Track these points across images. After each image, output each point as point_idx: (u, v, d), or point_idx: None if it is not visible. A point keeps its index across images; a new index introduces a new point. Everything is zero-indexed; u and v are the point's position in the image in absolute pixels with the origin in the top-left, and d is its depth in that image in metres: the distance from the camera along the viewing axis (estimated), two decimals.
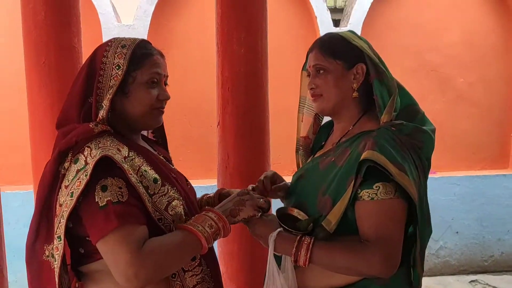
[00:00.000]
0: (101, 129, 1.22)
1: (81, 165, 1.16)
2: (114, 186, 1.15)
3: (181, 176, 1.43)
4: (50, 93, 2.35)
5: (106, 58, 1.25)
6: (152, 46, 1.34)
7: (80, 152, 1.19)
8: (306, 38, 4.09)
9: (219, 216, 1.27)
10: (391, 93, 1.37)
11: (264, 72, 2.54)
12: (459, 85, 4.38)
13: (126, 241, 1.11)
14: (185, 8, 3.95)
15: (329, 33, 1.49)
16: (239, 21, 2.44)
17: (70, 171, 1.18)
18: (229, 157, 2.53)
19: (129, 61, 1.25)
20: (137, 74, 1.27)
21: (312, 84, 1.43)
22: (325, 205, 1.32)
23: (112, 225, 1.11)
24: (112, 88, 1.23)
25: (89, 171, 1.13)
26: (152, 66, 1.29)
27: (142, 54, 1.29)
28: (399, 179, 1.23)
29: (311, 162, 1.51)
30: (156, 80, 1.31)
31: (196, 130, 4.07)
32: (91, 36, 3.64)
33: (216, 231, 1.25)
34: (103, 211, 1.12)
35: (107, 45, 1.29)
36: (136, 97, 1.28)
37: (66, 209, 1.14)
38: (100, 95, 1.23)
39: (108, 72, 1.24)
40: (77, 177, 1.15)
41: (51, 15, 2.30)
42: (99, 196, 1.13)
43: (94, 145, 1.19)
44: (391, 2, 4.19)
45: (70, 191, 1.15)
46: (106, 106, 1.23)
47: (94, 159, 1.14)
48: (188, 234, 1.21)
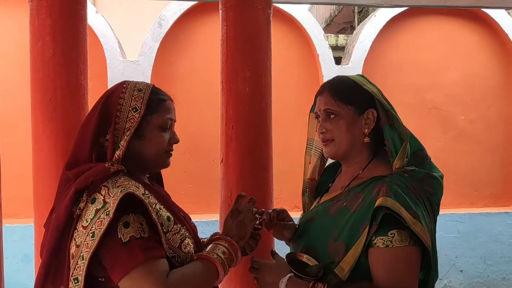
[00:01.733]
0: (116, 169, 1.23)
1: (99, 204, 1.17)
2: (136, 223, 1.16)
3: (187, 215, 1.45)
4: (55, 129, 2.34)
5: (123, 100, 1.28)
6: (163, 91, 1.39)
7: (97, 192, 1.19)
8: (308, 76, 4.14)
9: (230, 243, 1.31)
10: (402, 138, 1.37)
11: (268, 110, 2.55)
12: (460, 122, 4.41)
13: (152, 275, 1.13)
14: (189, 45, 4.01)
15: (339, 76, 1.50)
16: (243, 60, 2.47)
17: (87, 211, 1.18)
18: (232, 194, 2.51)
19: (146, 106, 1.29)
20: (152, 119, 1.32)
21: (323, 128, 1.42)
22: (337, 251, 1.30)
23: (137, 260, 1.12)
24: (130, 130, 1.26)
25: (111, 210, 1.14)
26: (165, 112, 1.34)
27: (157, 99, 1.33)
28: (414, 227, 1.23)
29: (320, 206, 1.49)
30: (169, 125, 1.36)
31: (198, 165, 4.06)
32: (96, 71, 3.68)
33: (229, 257, 1.28)
34: (127, 247, 1.13)
35: (123, 87, 1.32)
36: (150, 140, 1.32)
37: (87, 250, 1.14)
38: (117, 136, 1.26)
39: (124, 114, 1.27)
40: (97, 217, 1.15)
41: (59, 53, 2.32)
42: (122, 233, 1.14)
43: (111, 184, 1.20)
44: (392, 41, 4.27)
45: (91, 231, 1.15)
46: (123, 147, 1.25)
47: (116, 197, 1.15)
48: (207, 263, 1.25)
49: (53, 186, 2.34)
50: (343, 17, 8.60)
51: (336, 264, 1.27)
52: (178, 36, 3.98)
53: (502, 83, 4.44)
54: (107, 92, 1.33)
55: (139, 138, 1.30)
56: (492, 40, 4.39)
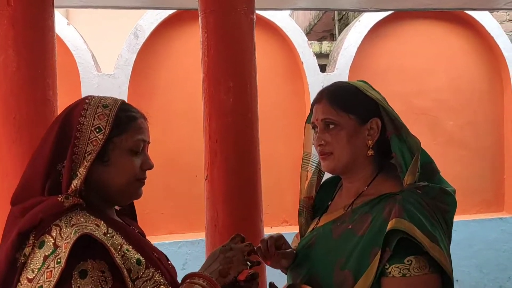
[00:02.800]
0: (72, 203, 1.03)
1: (49, 249, 0.97)
2: (96, 271, 0.96)
3: (162, 255, 1.23)
4: (21, 152, 2.12)
5: (84, 118, 1.09)
6: (135, 108, 1.19)
7: (46, 233, 0.99)
8: (293, 85, 4.02)
9: (209, 281, 1.10)
10: (413, 150, 1.22)
11: (255, 122, 2.39)
12: (449, 128, 4.33)
13: None
14: (168, 56, 3.84)
15: (339, 82, 1.36)
16: (226, 69, 2.31)
17: (33, 258, 0.98)
18: (218, 214, 2.34)
19: (112, 125, 1.10)
20: (120, 140, 1.12)
21: (321, 140, 1.27)
22: (345, 282, 1.15)
23: None
24: (91, 154, 1.06)
25: (63, 256, 0.93)
26: (136, 132, 1.15)
27: (126, 117, 1.14)
28: (433, 252, 1.09)
29: (321, 229, 1.33)
30: (141, 147, 1.16)
31: (179, 182, 3.86)
32: (69, 86, 3.48)
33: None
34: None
35: (85, 103, 1.12)
36: (117, 166, 1.11)
37: None
38: (75, 162, 1.06)
39: (85, 134, 1.08)
40: (46, 266, 0.95)
41: (24, 67, 2.12)
42: (77, 285, 0.93)
43: (64, 222, 1.00)
44: (377, 47, 4.18)
45: (38, 285, 0.94)
46: (81, 175, 1.05)
47: (70, 239, 0.95)
48: None
49: None
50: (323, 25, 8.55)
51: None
52: (156, 47, 3.81)
53: (488, 86, 4.39)
54: (66, 109, 1.13)
55: (103, 163, 1.10)
56: (478, 43, 4.35)
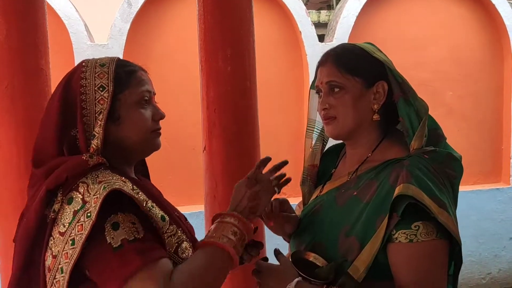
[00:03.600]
0: (96, 161, 1.05)
1: (78, 204, 1.00)
2: (127, 222, 0.99)
3: (181, 214, 1.26)
4: (14, 119, 2.09)
5: (85, 80, 1.10)
6: (132, 62, 1.20)
7: (74, 190, 1.02)
8: (291, 54, 3.95)
9: (240, 219, 1.11)
10: (420, 114, 1.19)
11: (253, 90, 2.35)
12: (448, 99, 4.29)
13: (152, 281, 0.95)
14: (163, 25, 3.74)
15: (345, 44, 1.32)
16: (224, 37, 2.25)
17: (63, 213, 1.01)
18: (217, 185, 2.32)
19: (114, 83, 1.10)
20: (125, 96, 1.12)
21: (326, 103, 1.23)
22: (350, 249, 1.14)
23: (134, 266, 0.95)
24: (101, 113, 1.08)
25: (93, 211, 0.96)
26: (139, 84, 1.15)
27: (125, 72, 1.14)
28: (441, 218, 1.07)
29: (325, 196, 1.30)
30: (147, 98, 1.16)
31: (177, 154, 3.83)
32: (62, 57, 3.40)
33: (241, 237, 1.09)
34: (119, 253, 0.96)
35: (82, 65, 1.14)
36: (129, 121, 1.13)
37: (67, 261, 0.97)
38: (87, 123, 1.08)
39: (90, 95, 1.09)
40: (77, 220, 0.98)
41: (14, 34, 2.06)
42: (112, 236, 0.97)
43: (90, 180, 1.02)
44: (377, 16, 4.09)
45: (70, 238, 0.98)
46: (99, 134, 1.07)
47: (99, 195, 0.98)
48: (215, 250, 1.06)
49: (15, 185, 2.13)
50: None
51: (350, 263, 1.12)
52: (150, 15, 3.71)
53: (489, 57, 4.32)
54: (65, 76, 1.14)
55: (115, 122, 1.11)
56: (479, 11, 4.26)
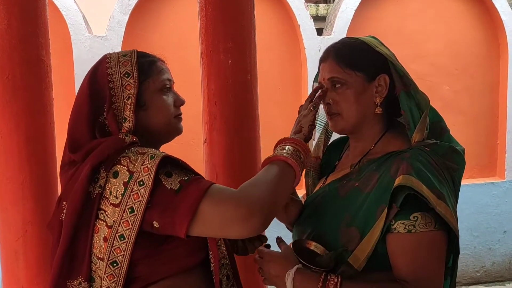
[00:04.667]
0: (131, 140, 1.12)
1: (125, 176, 1.06)
2: (176, 169, 1.08)
3: None
4: (15, 110, 2.08)
5: (111, 69, 1.17)
6: (150, 54, 1.27)
7: (117, 164, 1.08)
8: (289, 48, 3.95)
9: (287, 139, 1.18)
10: (421, 107, 1.21)
11: (254, 83, 2.36)
12: (445, 93, 4.31)
13: (221, 194, 1.04)
14: (162, 17, 3.73)
15: (346, 38, 1.33)
16: (225, 29, 2.26)
17: (112, 187, 1.07)
18: (218, 177, 2.33)
19: (138, 70, 1.17)
20: (149, 84, 1.19)
21: (329, 99, 1.24)
22: (351, 238, 1.16)
23: (198, 194, 1.02)
24: (130, 98, 1.15)
25: (147, 179, 1.04)
26: (160, 73, 1.22)
27: (147, 62, 1.21)
28: (439, 209, 1.09)
29: (327, 187, 1.32)
30: (168, 86, 1.24)
31: (176, 147, 3.83)
32: (60, 48, 3.38)
33: (294, 151, 1.15)
34: (182, 192, 1.04)
35: (106, 57, 1.21)
36: (154, 107, 1.20)
37: (129, 227, 1.05)
38: (118, 109, 1.15)
39: (117, 82, 1.16)
40: (130, 190, 1.05)
41: (15, 25, 2.05)
42: (169, 182, 1.05)
43: (131, 153, 1.09)
44: (375, 10, 4.10)
45: (128, 207, 1.05)
46: (130, 117, 1.14)
47: (149, 164, 1.05)
48: (278, 164, 1.12)
49: (16, 176, 2.14)
50: None
51: (350, 253, 1.14)
52: (150, 7, 3.70)
53: (486, 51, 4.34)
54: (91, 68, 1.22)
55: (141, 108, 1.18)
56: (476, 6, 4.27)
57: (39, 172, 2.14)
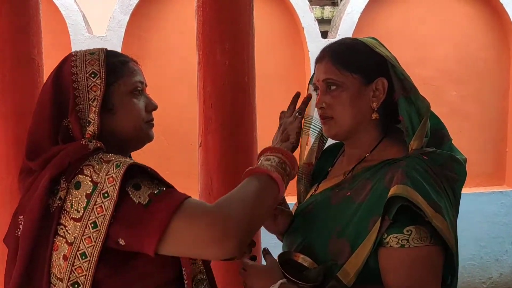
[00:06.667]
0: (95, 145, 1.03)
1: (88, 187, 0.98)
2: (145, 181, 0.99)
3: None
4: (3, 111, 2.05)
5: (76, 68, 1.08)
6: (122, 53, 1.20)
7: (79, 174, 1.00)
8: (292, 50, 3.90)
9: (272, 149, 1.12)
10: (421, 113, 1.13)
11: (251, 86, 2.30)
12: (451, 98, 4.22)
13: (195, 211, 0.96)
14: (162, 18, 3.70)
15: (345, 39, 1.26)
16: (223, 30, 2.19)
17: (73, 199, 0.99)
18: (212, 181, 2.27)
19: (106, 70, 1.09)
20: (119, 86, 1.11)
21: (322, 102, 1.17)
22: (341, 251, 1.09)
23: (169, 209, 0.94)
24: (96, 100, 1.06)
25: (112, 190, 0.95)
26: (131, 74, 1.14)
27: (118, 62, 1.13)
28: (435, 223, 1.01)
29: (319, 195, 1.25)
30: (140, 89, 1.15)
31: (174, 150, 3.78)
32: (59, 48, 3.35)
33: (280, 163, 1.09)
34: (151, 206, 0.95)
35: (72, 55, 1.12)
36: (123, 111, 1.11)
37: (92, 244, 0.96)
38: (82, 111, 1.06)
39: (83, 82, 1.07)
40: (93, 203, 0.97)
41: (5, 22, 2.02)
42: (138, 196, 0.96)
43: (95, 161, 1.00)
44: (381, 13, 4.04)
45: (90, 222, 0.96)
46: (94, 121, 1.05)
47: (114, 173, 0.96)
48: (259, 177, 1.05)
49: (4, 179, 2.07)
50: None
51: (340, 267, 1.08)
52: (150, 8, 3.67)
53: (495, 56, 4.25)
54: (56, 67, 1.13)
55: (109, 112, 1.10)
56: (485, 10, 4.19)
57: None
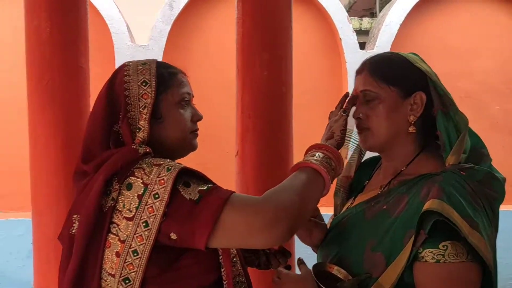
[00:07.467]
0: (144, 150, 1.08)
1: (140, 189, 1.03)
2: (193, 179, 1.04)
3: None
4: (53, 116, 2.16)
5: (129, 77, 1.14)
6: (171, 65, 1.24)
7: (130, 176, 1.05)
8: (330, 61, 3.91)
9: (317, 146, 1.14)
10: (459, 129, 1.13)
11: (289, 97, 2.33)
12: (494, 112, 4.12)
13: (244, 201, 1.01)
14: (203, 28, 3.78)
15: (384, 52, 1.28)
16: (262, 41, 2.24)
17: (125, 200, 1.04)
18: (248, 190, 2.32)
19: (157, 80, 1.14)
20: (167, 96, 1.16)
21: (359, 113, 1.19)
22: (376, 264, 1.09)
23: (219, 203, 0.99)
24: (147, 107, 1.11)
25: (163, 192, 1.01)
26: (180, 85, 1.19)
27: (167, 73, 1.18)
28: (471, 239, 1.00)
29: (354, 209, 1.26)
30: (187, 100, 1.20)
31: (211, 157, 3.84)
32: (103, 56, 3.49)
33: (324, 157, 1.11)
34: (202, 201, 1.00)
35: (125, 65, 1.19)
36: (170, 121, 1.16)
37: (143, 242, 1.01)
38: (132, 117, 1.12)
39: (134, 90, 1.13)
40: (144, 203, 1.02)
41: (56, 32, 2.13)
42: (188, 193, 1.02)
43: (145, 164, 1.05)
44: (421, 25, 3.99)
45: (142, 221, 1.02)
46: (144, 128, 1.11)
47: (165, 176, 1.02)
48: (306, 171, 1.08)
49: (51, 179, 2.18)
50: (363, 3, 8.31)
51: (374, 280, 1.08)
52: (191, 18, 3.76)
53: None
54: (110, 76, 1.20)
55: (157, 120, 1.15)
56: None
57: None
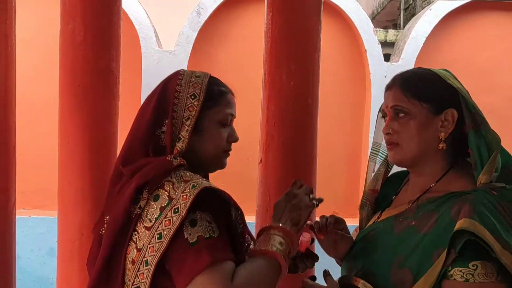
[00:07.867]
0: (178, 162, 1.12)
1: (164, 201, 1.07)
2: (204, 221, 1.05)
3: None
4: (83, 117, 2.21)
5: (180, 87, 1.18)
6: (223, 83, 1.27)
7: (160, 188, 1.09)
8: (354, 72, 3.90)
9: (284, 231, 1.14)
10: (491, 147, 1.12)
11: (314, 108, 2.34)
12: None
13: (218, 279, 1.01)
14: (229, 36, 3.82)
15: (416, 68, 1.28)
16: (289, 51, 2.26)
17: (149, 209, 1.08)
18: (270, 199, 2.32)
19: (205, 95, 1.17)
20: (213, 112, 1.19)
21: (390, 129, 1.19)
22: (403, 281, 1.09)
23: (202, 263, 1.01)
24: (189, 119, 1.15)
25: (183, 207, 1.04)
26: (227, 105, 1.22)
27: (218, 91, 1.21)
28: (504, 259, 0.99)
29: (381, 223, 1.26)
30: (229, 121, 1.23)
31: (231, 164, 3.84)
32: (130, 60, 3.54)
33: (287, 248, 1.13)
34: (194, 248, 1.02)
35: (179, 73, 1.22)
36: (209, 137, 1.20)
37: (153, 254, 1.04)
38: (175, 126, 1.15)
39: (182, 101, 1.16)
40: (164, 215, 1.05)
41: (90, 37, 2.18)
42: (189, 232, 1.04)
43: (175, 179, 1.09)
44: (448, 38, 3.97)
45: (157, 232, 1.04)
46: (184, 138, 1.14)
47: (188, 192, 1.05)
48: (268, 259, 1.11)
49: (78, 180, 2.23)
50: (387, 14, 8.25)
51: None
52: (218, 25, 3.80)
53: None
54: (163, 81, 1.23)
55: (197, 133, 1.18)
56: None
57: (99, 179, 2.22)
